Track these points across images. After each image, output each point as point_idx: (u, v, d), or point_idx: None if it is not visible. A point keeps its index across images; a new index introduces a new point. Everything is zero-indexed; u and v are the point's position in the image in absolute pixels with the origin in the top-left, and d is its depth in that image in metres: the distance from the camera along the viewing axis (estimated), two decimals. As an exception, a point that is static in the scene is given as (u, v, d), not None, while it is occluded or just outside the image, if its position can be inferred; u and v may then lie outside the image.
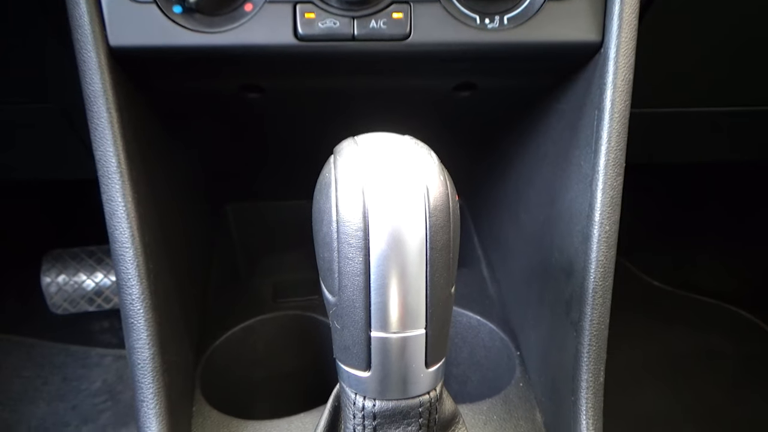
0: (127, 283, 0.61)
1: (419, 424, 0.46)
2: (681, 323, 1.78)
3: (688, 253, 1.95)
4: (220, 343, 0.84)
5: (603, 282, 0.63)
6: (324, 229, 0.43)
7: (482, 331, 0.90)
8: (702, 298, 1.84)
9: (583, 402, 0.62)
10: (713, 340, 1.73)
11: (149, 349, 0.61)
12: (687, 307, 1.83)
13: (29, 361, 1.68)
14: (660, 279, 1.91)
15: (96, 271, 1.62)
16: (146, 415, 0.60)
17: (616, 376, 1.26)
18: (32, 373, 1.66)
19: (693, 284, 1.88)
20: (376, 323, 0.43)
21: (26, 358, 1.69)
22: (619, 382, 1.56)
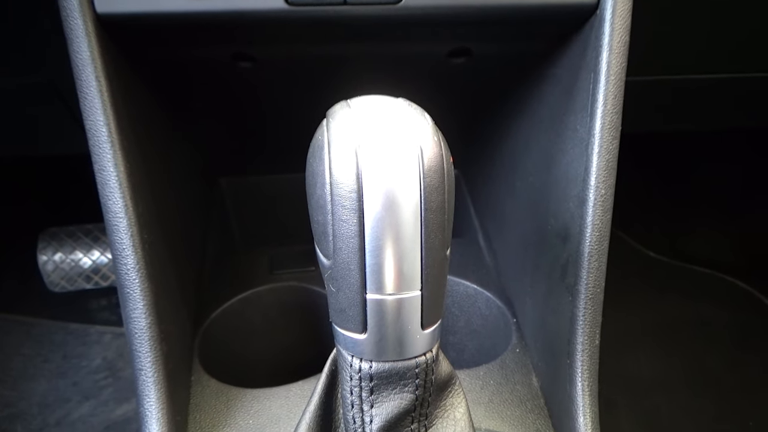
0: (122, 253, 0.61)
1: (416, 385, 0.47)
2: (676, 292, 1.80)
3: (683, 224, 1.96)
4: (217, 314, 0.85)
5: (599, 246, 0.63)
6: (318, 191, 0.42)
7: (479, 299, 0.91)
8: (697, 268, 1.85)
9: (578, 364, 0.63)
10: (707, 309, 1.74)
11: (146, 318, 0.61)
12: (682, 277, 1.85)
13: (29, 339, 1.69)
14: (655, 250, 1.92)
15: (92, 249, 1.62)
16: (145, 383, 0.60)
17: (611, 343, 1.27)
18: (32, 351, 1.67)
19: (688, 255, 1.89)
20: (372, 285, 0.43)
21: (25, 336, 1.70)
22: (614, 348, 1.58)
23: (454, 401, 0.51)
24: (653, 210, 1.99)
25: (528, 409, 0.71)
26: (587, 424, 0.61)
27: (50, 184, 1.85)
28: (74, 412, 1.52)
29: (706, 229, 1.94)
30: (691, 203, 1.97)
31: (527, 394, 0.73)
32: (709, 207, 1.95)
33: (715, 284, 1.82)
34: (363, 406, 0.46)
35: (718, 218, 1.94)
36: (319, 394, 0.51)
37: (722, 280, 1.82)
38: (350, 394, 0.47)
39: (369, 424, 0.46)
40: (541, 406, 0.71)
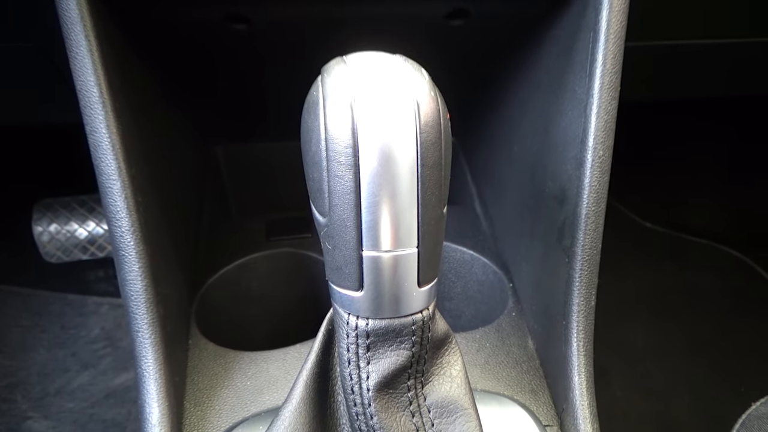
0: (116, 216, 0.61)
1: (412, 342, 0.47)
2: (671, 262, 1.81)
3: (679, 195, 1.96)
4: (214, 280, 0.85)
5: (596, 207, 0.63)
6: (313, 148, 0.42)
7: (475, 265, 0.91)
8: (692, 238, 1.86)
9: (574, 325, 0.63)
10: (702, 278, 1.76)
11: (141, 280, 0.61)
12: (677, 247, 1.86)
13: (26, 310, 1.70)
14: (651, 220, 1.92)
15: (88, 220, 1.61)
16: (142, 345, 0.60)
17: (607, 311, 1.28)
18: (30, 322, 1.67)
19: (684, 225, 1.90)
20: (368, 242, 0.42)
21: (23, 307, 1.70)
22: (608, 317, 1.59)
23: (451, 359, 0.51)
24: (649, 180, 1.99)
25: (523, 371, 0.71)
26: (582, 383, 0.61)
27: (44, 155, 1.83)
28: (74, 381, 1.53)
29: (703, 199, 1.94)
30: (687, 173, 1.97)
31: (523, 356, 0.73)
32: (705, 177, 1.95)
33: (709, 253, 1.83)
34: (360, 362, 0.47)
35: (715, 189, 1.94)
36: (316, 352, 0.51)
37: (717, 250, 1.83)
38: (347, 351, 0.47)
39: (366, 380, 0.46)
40: (537, 367, 0.72)
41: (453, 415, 0.48)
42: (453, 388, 0.50)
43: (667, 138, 1.98)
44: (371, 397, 0.46)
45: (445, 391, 0.49)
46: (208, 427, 0.63)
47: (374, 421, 0.46)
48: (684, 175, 1.96)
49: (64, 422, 1.43)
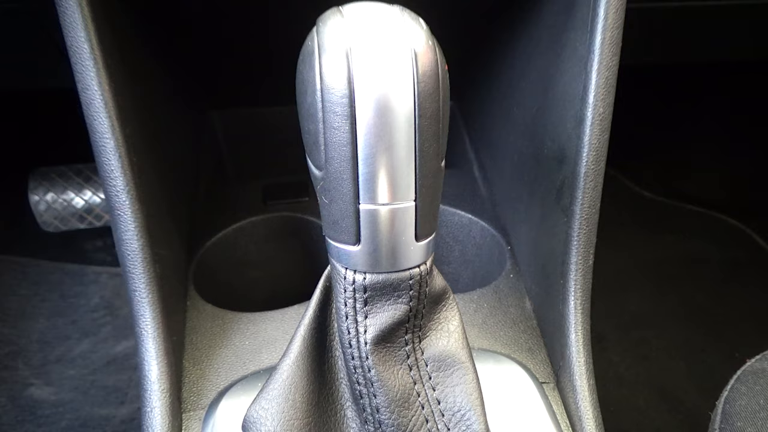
0: (111, 175, 0.60)
1: (410, 296, 0.47)
2: (669, 231, 1.81)
3: (678, 164, 1.95)
4: (211, 243, 0.84)
5: (595, 166, 0.62)
6: (308, 99, 0.41)
7: (473, 229, 0.91)
8: (691, 207, 1.86)
9: (571, 284, 0.63)
10: (700, 246, 1.76)
11: (138, 240, 0.61)
12: (675, 216, 1.85)
13: (25, 279, 1.70)
14: (649, 189, 1.92)
15: (84, 189, 1.60)
16: (140, 304, 0.60)
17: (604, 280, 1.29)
18: (29, 290, 1.68)
19: (682, 194, 1.89)
20: (365, 195, 0.42)
21: (22, 276, 1.70)
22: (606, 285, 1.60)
23: (448, 315, 0.51)
24: (648, 149, 1.97)
25: (521, 330, 0.72)
26: (578, 340, 0.62)
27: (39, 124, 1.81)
28: (75, 349, 1.54)
29: (702, 168, 1.93)
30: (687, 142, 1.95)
31: (520, 316, 0.74)
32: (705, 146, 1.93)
33: (707, 222, 1.83)
34: (357, 317, 0.47)
35: (715, 157, 1.93)
36: (313, 308, 0.51)
37: (715, 218, 1.83)
38: (344, 305, 0.47)
39: (363, 334, 0.46)
40: (534, 327, 0.72)
41: (450, 369, 0.49)
42: (450, 342, 0.50)
43: (668, 107, 1.96)
44: (369, 350, 0.46)
45: (442, 345, 0.49)
46: (207, 386, 0.64)
47: (372, 373, 0.46)
48: (684, 144, 1.95)
49: (66, 389, 1.45)
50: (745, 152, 1.90)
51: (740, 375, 0.59)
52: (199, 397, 0.63)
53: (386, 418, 0.46)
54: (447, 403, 0.48)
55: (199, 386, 0.64)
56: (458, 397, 0.47)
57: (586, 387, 0.60)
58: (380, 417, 0.47)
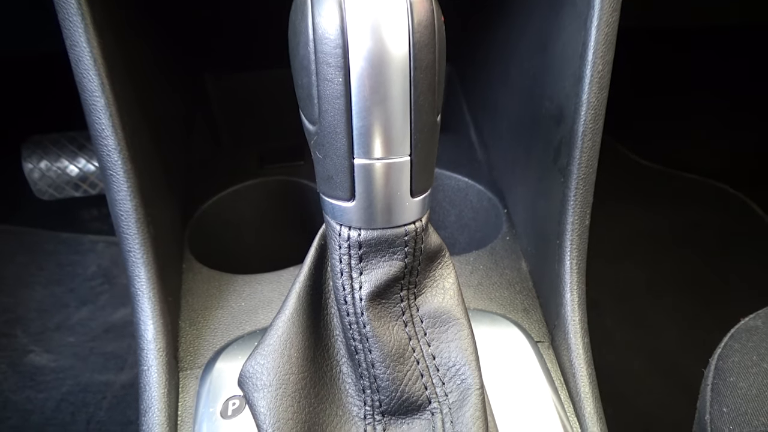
0: (102, 134, 0.59)
1: (405, 253, 0.46)
2: (667, 199, 1.81)
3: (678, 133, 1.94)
4: (207, 207, 0.84)
5: (593, 124, 0.61)
6: (301, 51, 0.40)
7: (470, 192, 0.90)
8: (689, 176, 1.85)
9: (567, 244, 0.63)
10: (697, 215, 1.76)
11: (131, 200, 0.60)
12: (673, 185, 1.85)
13: (22, 248, 1.70)
14: (648, 158, 1.91)
15: (78, 157, 1.59)
16: (134, 264, 0.60)
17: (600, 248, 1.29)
18: (26, 259, 1.67)
19: (681, 163, 1.88)
20: (359, 149, 0.41)
21: (18, 245, 1.70)
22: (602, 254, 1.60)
23: (444, 272, 0.51)
24: (648, 117, 1.96)
25: (516, 291, 0.72)
26: (574, 299, 0.62)
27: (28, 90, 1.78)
28: (73, 317, 1.55)
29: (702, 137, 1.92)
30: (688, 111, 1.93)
31: (516, 277, 0.74)
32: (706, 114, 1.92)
33: (706, 191, 1.82)
34: (352, 273, 0.46)
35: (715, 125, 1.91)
36: (308, 266, 0.51)
37: (712, 187, 1.83)
38: (339, 262, 0.46)
39: (358, 290, 0.46)
40: (529, 288, 0.72)
41: (446, 325, 0.49)
42: (446, 299, 0.50)
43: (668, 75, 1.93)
44: (364, 306, 0.46)
45: (437, 302, 0.49)
46: (204, 345, 0.64)
47: (367, 329, 0.46)
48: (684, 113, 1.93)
49: (65, 355, 1.46)
50: (746, 121, 1.88)
51: (734, 333, 0.59)
52: (196, 356, 0.63)
53: (381, 372, 0.47)
54: (442, 358, 0.48)
55: (196, 346, 0.64)
56: (453, 352, 0.47)
57: (581, 345, 0.60)
58: (375, 372, 0.47)
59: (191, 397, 0.59)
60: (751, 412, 0.49)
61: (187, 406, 0.58)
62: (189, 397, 0.59)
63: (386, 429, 0.47)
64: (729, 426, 0.49)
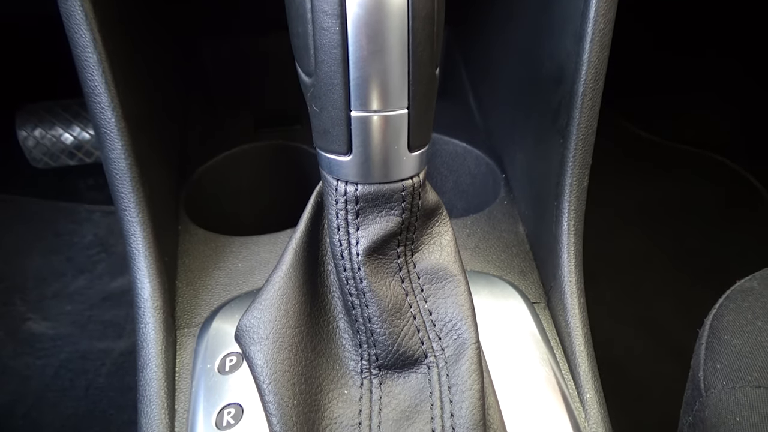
0: (94, 91, 0.58)
1: (402, 208, 0.46)
2: (665, 172, 1.80)
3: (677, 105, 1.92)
4: (202, 170, 0.83)
5: (594, 84, 0.61)
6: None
7: (468, 158, 0.90)
8: (687, 148, 1.84)
9: (565, 205, 0.63)
10: (695, 188, 1.76)
11: (125, 159, 0.59)
12: (672, 157, 1.84)
13: (18, 217, 1.69)
14: (647, 130, 1.90)
15: (73, 125, 1.57)
16: (130, 224, 0.60)
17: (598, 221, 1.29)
18: (23, 228, 1.67)
19: (680, 135, 1.87)
20: (356, 101, 0.41)
21: (14, 214, 1.69)
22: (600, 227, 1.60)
23: (441, 230, 0.51)
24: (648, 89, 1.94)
25: (513, 254, 0.72)
26: (571, 260, 0.62)
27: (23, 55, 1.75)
28: (71, 285, 1.55)
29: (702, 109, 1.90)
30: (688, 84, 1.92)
31: (513, 240, 0.74)
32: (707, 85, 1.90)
33: (703, 163, 1.82)
34: (349, 228, 0.46)
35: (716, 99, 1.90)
36: (305, 222, 0.51)
37: (710, 159, 1.82)
38: (336, 218, 0.46)
39: (355, 245, 0.46)
40: (527, 251, 0.72)
41: (442, 281, 0.49)
42: (443, 256, 0.49)
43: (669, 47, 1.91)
44: (360, 261, 0.46)
45: (434, 259, 0.49)
46: (201, 305, 0.64)
47: (363, 284, 0.46)
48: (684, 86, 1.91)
49: (64, 323, 1.47)
50: (747, 94, 1.86)
51: (729, 294, 0.59)
52: (193, 315, 0.63)
53: (378, 327, 0.47)
54: (438, 313, 0.48)
55: (193, 305, 0.64)
56: (450, 308, 0.47)
57: (577, 305, 0.61)
58: (372, 326, 0.47)
59: (189, 355, 0.59)
60: (745, 368, 0.49)
61: (184, 363, 0.59)
62: (186, 354, 0.59)
63: (382, 382, 0.48)
64: (722, 381, 0.50)
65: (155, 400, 0.54)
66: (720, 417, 0.47)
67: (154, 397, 0.54)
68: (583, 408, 0.56)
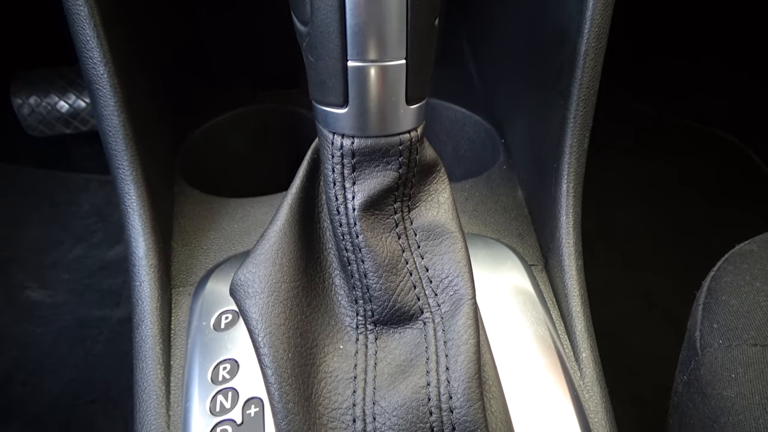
0: (86, 46, 0.57)
1: (399, 163, 0.45)
2: (664, 145, 1.79)
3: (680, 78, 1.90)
4: (199, 133, 0.82)
5: (596, 43, 0.59)
6: None
7: (467, 123, 0.88)
8: (688, 122, 1.83)
9: (565, 167, 0.62)
10: (695, 163, 1.75)
11: (118, 116, 0.58)
12: (672, 131, 1.83)
13: (14, 186, 1.68)
14: (649, 103, 1.88)
15: (68, 92, 1.55)
16: (123, 181, 0.59)
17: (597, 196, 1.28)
18: (20, 197, 1.66)
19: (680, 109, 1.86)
20: (353, 50, 0.40)
21: (10, 183, 1.68)
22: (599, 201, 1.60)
23: (438, 187, 0.50)
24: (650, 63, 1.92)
25: (511, 217, 0.71)
26: (569, 222, 0.61)
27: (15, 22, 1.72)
28: (68, 254, 1.55)
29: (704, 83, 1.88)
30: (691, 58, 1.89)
31: (511, 204, 0.73)
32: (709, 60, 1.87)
33: (704, 138, 1.80)
34: (345, 183, 0.45)
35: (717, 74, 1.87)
36: (300, 178, 0.50)
37: (710, 134, 1.81)
38: (332, 172, 0.45)
39: (351, 200, 0.46)
40: (525, 215, 0.72)
41: (439, 238, 0.48)
42: (440, 213, 0.49)
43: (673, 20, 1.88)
44: (356, 216, 0.46)
45: (432, 216, 0.49)
46: (197, 264, 0.64)
47: (359, 239, 0.46)
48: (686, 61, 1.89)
49: (62, 291, 1.47)
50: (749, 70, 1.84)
51: (728, 257, 0.59)
52: (188, 275, 0.63)
53: (374, 282, 0.46)
54: (435, 270, 0.47)
55: (188, 265, 0.64)
56: (446, 264, 0.47)
57: (574, 267, 0.60)
58: (368, 282, 0.46)
59: (184, 313, 0.59)
60: (741, 327, 0.49)
61: (180, 320, 0.58)
62: (182, 312, 0.59)
63: (378, 338, 0.48)
64: (719, 340, 0.49)
65: (151, 356, 0.54)
66: (715, 374, 0.47)
67: (150, 353, 0.54)
68: (579, 367, 0.56)
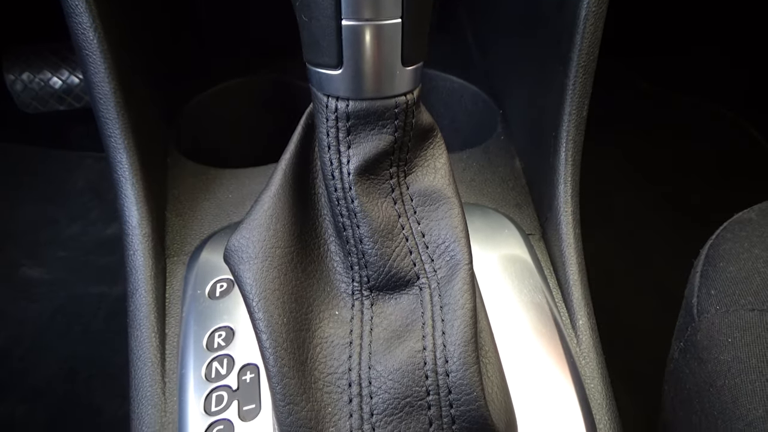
0: (75, 11, 0.56)
1: (395, 126, 0.45)
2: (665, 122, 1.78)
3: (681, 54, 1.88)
4: (193, 103, 0.81)
5: (597, 8, 0.58)
6: None
7: (465, 94, 0.87)
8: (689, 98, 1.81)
9: (563, 135, 0.61)
10: (696, 139, 1.73)
11: (109, 83, 0.57)
12: (673, 107, 1.81)
13: (7, 164, 1.67)
14: (650, 79, 1.86)
15: (61, 68, 1.53)
16: (116, 150, 0.58)
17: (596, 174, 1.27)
18: (13, 175, 1.65)
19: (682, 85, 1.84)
20: (347, 8, 0.39)
21: (4, 161, 1.67)
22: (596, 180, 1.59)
23: (435, 152, 0.49)
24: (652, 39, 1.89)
25: (509, 187, 0.71)
26: (567, 191, 0.61)
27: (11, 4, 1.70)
28: (64, 232, 1.54)
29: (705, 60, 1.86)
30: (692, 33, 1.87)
31: (509, 174, 0.72)
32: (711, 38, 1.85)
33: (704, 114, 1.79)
34: (340, 147, 0.45)
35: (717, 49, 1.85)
36: (294, 143, 0.49)
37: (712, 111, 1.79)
38: (326, 136, 0.45)
39: (346, 164, 0.45)
40: (522, 185, 0.71)
41: (436, 203, 0.48)
42: (437, 178, 0.48)
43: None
44: (352, 181, 0.45)
45: (428, 181, 0.48)
46: (191, 234, 0.63)
47: (355, 204, 0.45)
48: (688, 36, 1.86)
49: (58, 269, 1.46)
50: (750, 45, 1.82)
51: (727, 225, 0.59)
52: (183, 244, 0.62)
53: (369, 248, 0.46)
54: (431, 236, 0.47)
55: (183, 235, 0.63)
56: (443, 230, 0.46)
57: (572, 235, 0.60)
58: (363, 247, 0.46)
59: (179, 281, 0.58)
60: (739, 292, 0.49)
61: (174, 289, 0.58)
62: (177, 281, 0.59)
63: (374, 304, 0.47)
64: (716, 306, 0.49)
65: (145, 324, 0.53)
66: (712, 339, 0.47)
67: (144, 321, 0.53)
68: (576, 334, 0.56)
